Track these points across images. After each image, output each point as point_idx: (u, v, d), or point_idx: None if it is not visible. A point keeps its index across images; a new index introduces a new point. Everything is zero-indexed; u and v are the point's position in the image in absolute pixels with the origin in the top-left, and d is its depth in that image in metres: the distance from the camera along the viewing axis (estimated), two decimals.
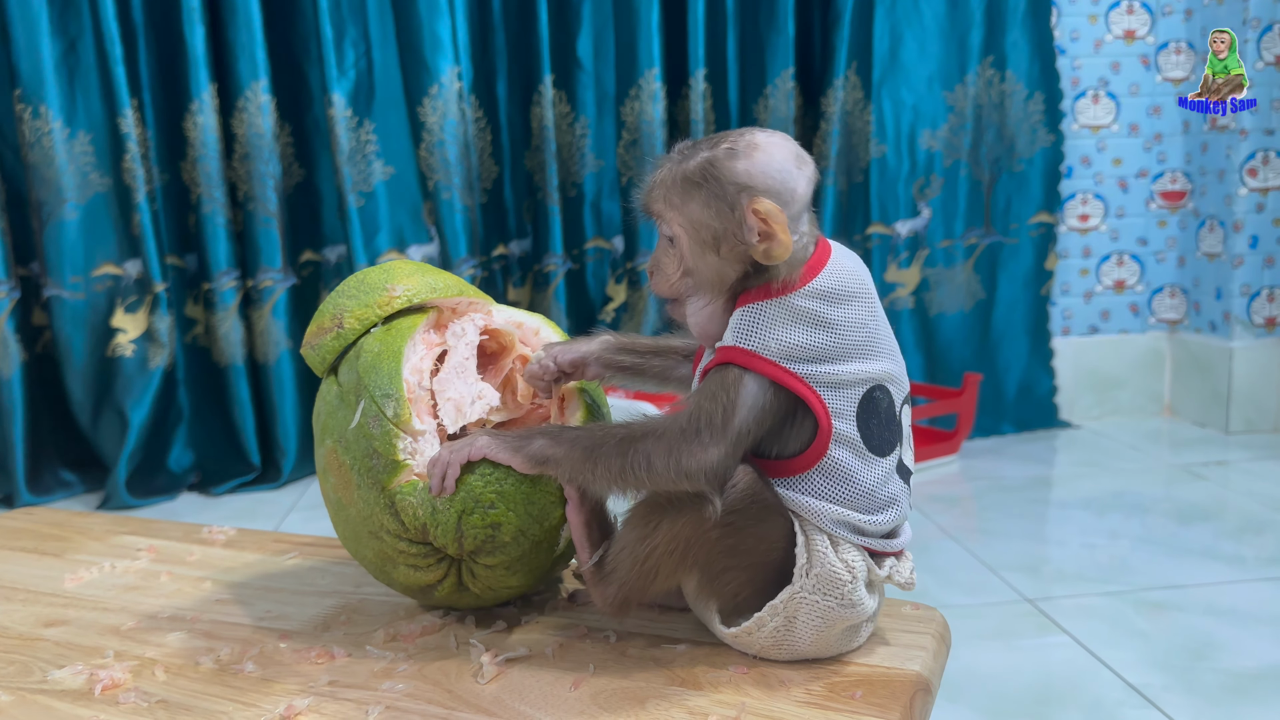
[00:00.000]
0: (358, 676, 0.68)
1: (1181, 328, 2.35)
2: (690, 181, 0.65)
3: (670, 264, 0.68)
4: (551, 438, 0.67)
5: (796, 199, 0.65)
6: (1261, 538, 1.59)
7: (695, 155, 0.66)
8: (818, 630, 0.66)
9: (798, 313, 0.64)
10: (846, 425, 0.64)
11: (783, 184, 0.64)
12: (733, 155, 0.64)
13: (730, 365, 0.64)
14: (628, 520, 0.67)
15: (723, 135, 0.66)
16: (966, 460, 2.06)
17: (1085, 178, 2.30)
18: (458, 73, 2.03)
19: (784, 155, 0.65)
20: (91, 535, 1.00)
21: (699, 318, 0.68)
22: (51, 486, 2.01)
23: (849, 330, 0.64)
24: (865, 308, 0.66)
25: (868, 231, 2.21)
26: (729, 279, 0.66)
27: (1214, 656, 1.20)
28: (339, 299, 0.76)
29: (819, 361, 0.64)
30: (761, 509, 0.65)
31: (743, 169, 0.64)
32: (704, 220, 0.65)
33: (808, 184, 0.66)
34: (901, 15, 2.16)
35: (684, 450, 0.62)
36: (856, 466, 0.65)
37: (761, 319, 0.64)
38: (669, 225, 0.67)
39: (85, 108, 1.96)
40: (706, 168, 0.65)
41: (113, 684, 0.68)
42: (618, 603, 0.68)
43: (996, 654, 1.23)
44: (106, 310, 2.00)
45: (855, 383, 0.65)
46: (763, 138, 0.65)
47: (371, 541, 0.72)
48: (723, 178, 0.64)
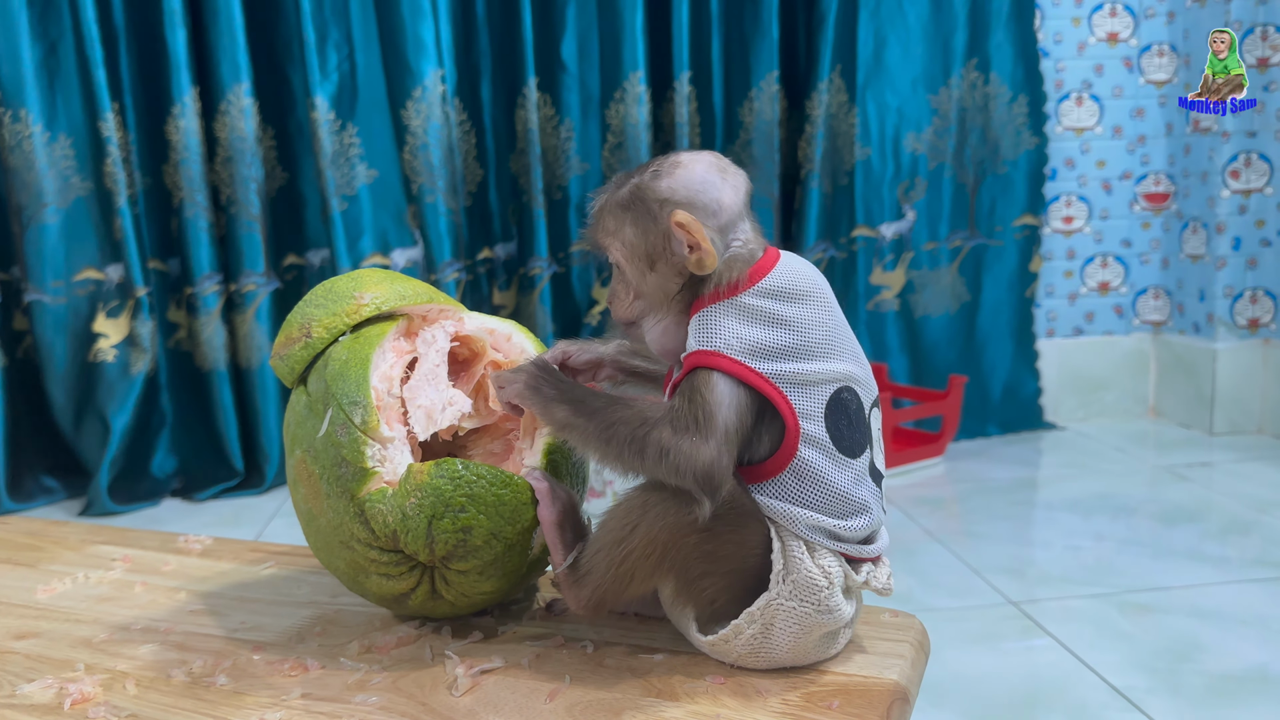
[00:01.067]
0: (331, 689, 0.67)
1: (1165, 329, 2.36)
2: (621, 207, 0.69)
3: (622, 290, 0.71)
4: (574, 406, 0.67)
5: (723, 208, 0.67)
6: (1246, 539, 1.59)
7: (626, 183, 0.69)
8: (795, 637, 0.66)
9: (750, 311, 0.65)
10: (815, 426, 0.64)
11: (705, 195, 0.67)
12: (656, 176, 0.68)
13: (699, 369, 0.65)
14: (604, 522, 0.67)
15: (652, 160, 0.69)
16: (951, 462, 2.07)
17: (1069, 180, 2.31)
18: (441, 75, 2.02)
19: (705, 168, 0.68)
20: (66, 545, 0.99)
21: (654, 334, 0.70)
22: (33, 493, 1.99)
23: (808, 329, 0.65)
24: (820, 307, 0.66)
25: (853, 234, 2.21)
26: (672, 292, 0.68)
27: (1198, 658, 1.20)
28: (307, 308, 0.75)
29: (781, 359, 0.64)
30: (740, 515, 0.65)
31: (665, 186, 0.67)
32: (636, 241, 0.68)
33: (734, 193, 0.68)
34: (885, 18, 2.16)
35: (675, 448, 0.63)
36: (828, 468, 0.65)
37: (717, 319, 0.66)
38: (611, 253, 0.70)
39: (66, 111, 1.94)
40: (633, 191, 0.68)
41: (83, 698, 0.67)
42: (592, 605, 0.68)
43: (981, 657, 1.23)
44: (88, 315, 1.98)
45: (821, 382, 0.65)
46: (686, 156, 0.69)
47: (343, 551, 0.71)
48: (647, 197, 0.67)
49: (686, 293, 0.68)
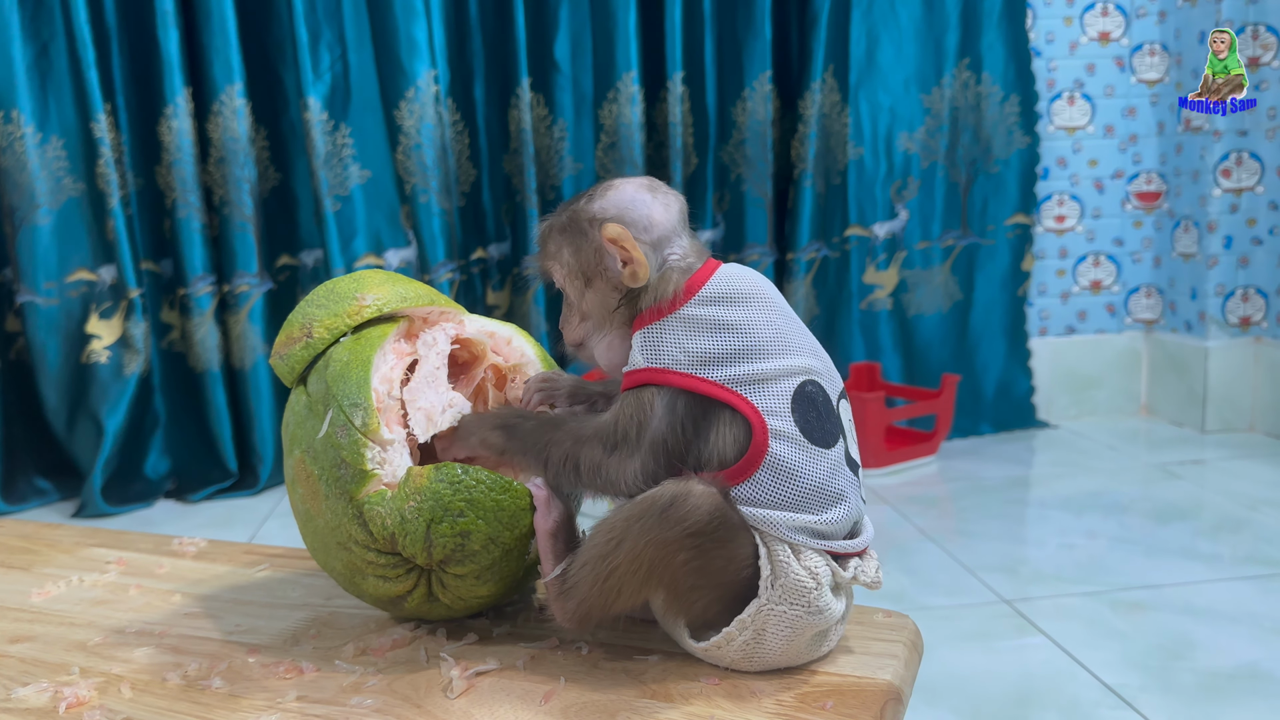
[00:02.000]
0: (326, 691, 0.67)
1: (1158, 328, 2.36)
2: (559, 231, 0.71)
3: (570, 313, 0.73)
4: (504, 430, 0.71)
5: (654, 224, 0.69)
6: (1237, 536, 1.60)
7: (566, 210, 0.72)
8: (787, 640, 0.66)
9: (693, 321, 0.66)
10: (782, 422, 0.65)
11: (634, 211, 0.69)
12: (590, 199, 0.71)
13: (644, 386, 0.67)
14: (591, 536, 0.67)
15: (591, 187, 0.72)
16: (945, 461, 2.07)
17: (1061, 179, 2.31)
18: (434, 76, 2.02)
19: (634, 188, 0.70)
20: (60, 548, 0.99)
21: (600, 350, 0.72)
22: (26, 494, 1.99)
23: (755, 329, 0.66)
24: (765, 308, 0.67)
25: (845, 234, 2.21)
26: (611, 307, 0.70)
27: (1191, 656, 1.21)
28: (308, 308, 0.75)
29: (733, 364, 0.65)
30: (728, 530, 0.65)
31: (597, 207, 0.70)
32: (572, 261, 0.71)
33: (665, 210, 0.70)
34: (878, 18, 2.16)
35: (607, 464, 0.66)
36: (801, 460, 0.65)
37: (662, 335, 0.67)
38: (555, 276, 0.73)
39: (58, 112, 1.94)
40: (569, 216, 0.71)
41: (78, 702, 0.67)
42: (578, 618, 0.68)
43: (974, 656, 1.23)
44: (81, 316, 1.98)
45: (779, 378, 0.66)
46: (619, 180, 0.71)
47: (340, 553, 0.71)
48: (580, 218, 0.70)
49: (627, 308, 0.69)
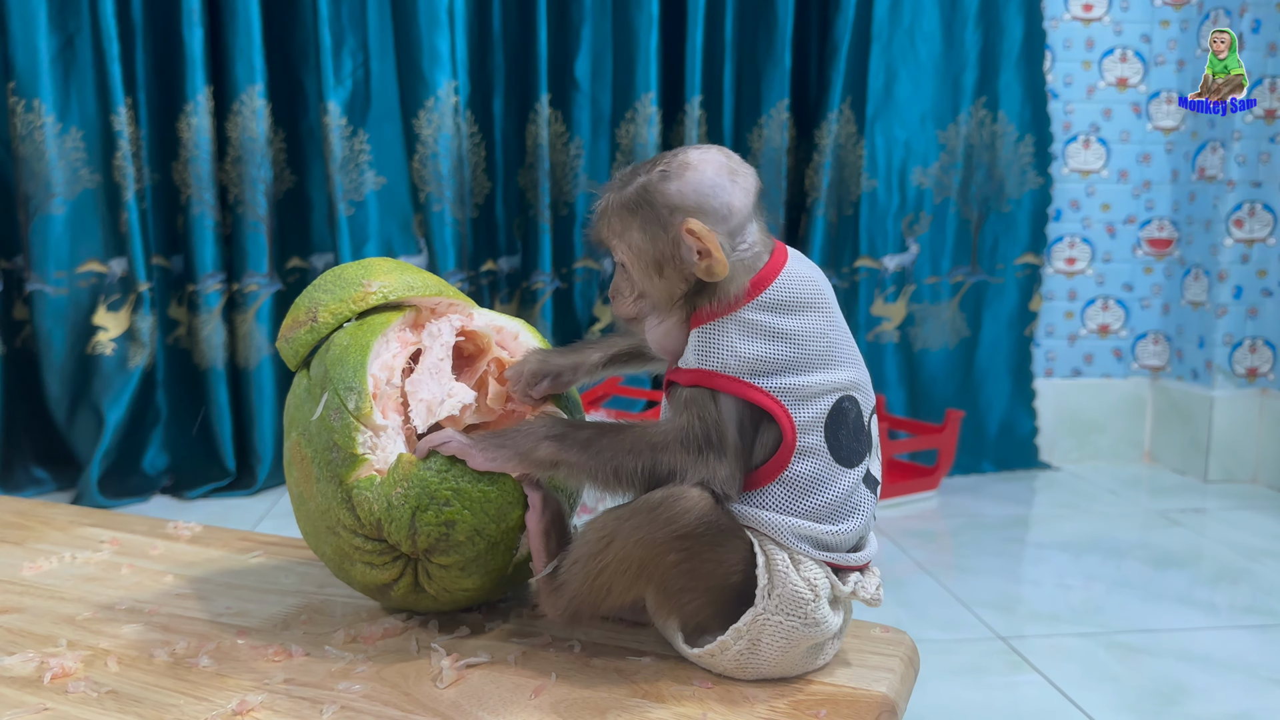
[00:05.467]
0: (314, 675, 0.67)
1: (1164, 375, 2.36)
2: (627, 208, 0.67)
3: (626, 288, 0.70)
4: (556, 441, 0.66)
5: (734, 212, 0.66)
6: (1236, 587, 1.59)
7: (632, 181, 0.67)
8: (782, 650, 0.65)
9: (751, 326, 0.65)
10: (813, 439, 0.64)
11: (716, 199, 0.65)
12: (665, 177, 0.66)
13: (700, 388, 0.65)
14: (583, 533, 0.66)
15: (659, 157, 0.67)
16: (945, 497, 2.06)
17: (1074, 221, 2.32)
18: (455, 87, 2.04)
19: (715, 170, 0.66)
20: (54, 525, 0.98)
21: (656, 334, 0.70)
22: (22, 483, 1.98)
23: (808, 340, 0.65)
24: (822, 317, 0.66)
25: (856, 264, 2.21)
26: (677, 296, 0.67)
27: (1185, 702, 1.20)
28: (314, 293, 0.75)
29: (782, 374, 0.64)
30: (717, 533, 0.64)
31: (675, 190, 0.65)
32: (644, 246, 0.66)
33: (744, 194, 0.67)
34: (897, 53, 2.18)
35: (696, 470, 0.63)
36: (821, 479, 0.64)
37: (717, 337, 0.65)
38: (617, 253, 0.69)
39: (79, 104, 1.95)
40: (641, 193, 0.66)
41: (63, 673, 0.67)
42: (568, 615, 0.67)
43: (968, 690, 1.22)
44: (89, 307, 1.98)
45: (822, 393, 0.65)
46: (695, 156, 0.67)
47: (330, 537, 0.71)
48: (656, 201, 0.66)
49: (690, 297, 0.67)
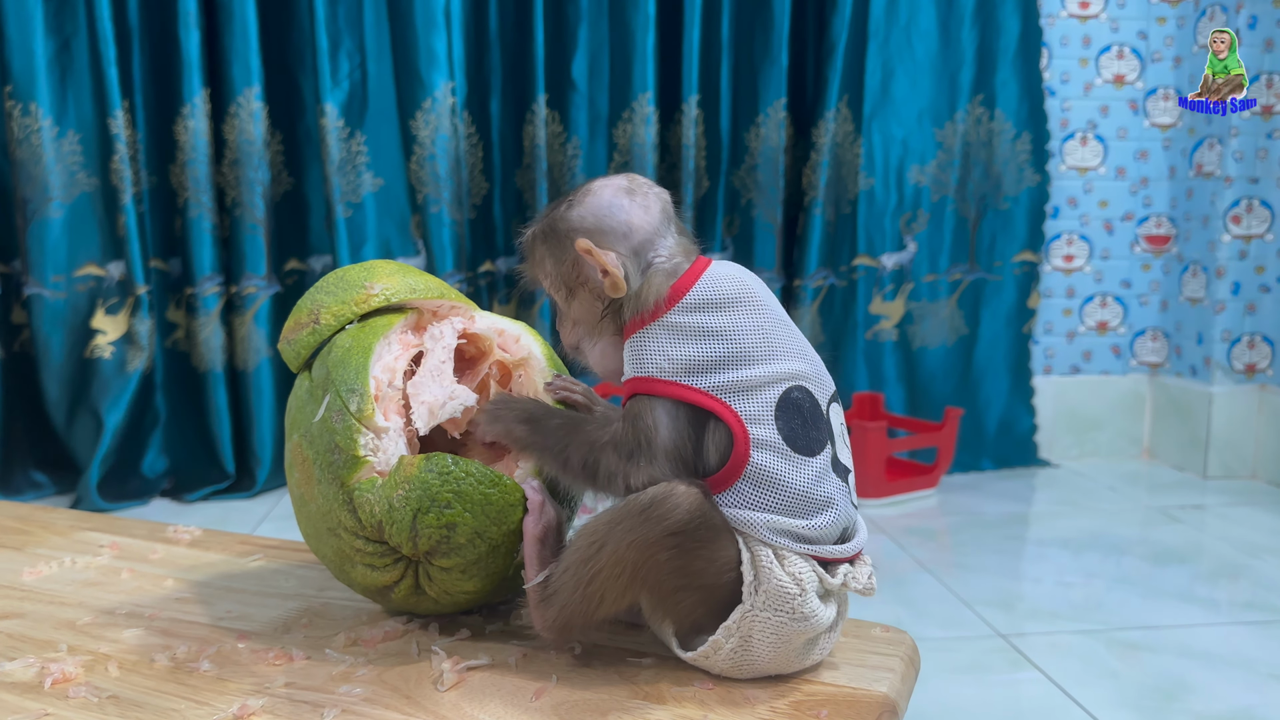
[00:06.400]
0: (315, 679, 0.67)
1: (1162, 371, 2.36)
2: (540, 239, 0.71)
3: (562, 319, 0.73)
4: (529, 424, 0.69)
5: (634, 229, 0.68)
6: (1236, 583, 1.59)
7: (546, 216, 0.71)
8: (775, 647, 0.65)
9: (678, 329, 0.66)
10: (765, 430, 0.64)
11: (613, 219, 0.68)
12: (570, 206, 0.69)
13: (636, 396, 0.66)
14: (573, 540, 0.66)
15: (571, 191, 0.71)
16: (945, 494, 2.06)
17: (1071, 219, 2.32)
18: (452, 88, 2.04)
19: (612, 192, 0.69)
20: (54, 530, 0.98)
21: (595, 357, 0.72)
22: (21, 487, 1.98)
23: (741, 335, 0.65)
24: (753, 311, 0.67)
25: (854, 263, 2.22)
26: (597, 316, 0.70)
27: (1185, 698, 1.20)
28: (317, 294, 0.75)
29: (718, 371, 0.65)
30: (710, 530, 0.64)
31: (575, 215, 0.69)
32: (554, 271, 0.70)
33: (644, 212, 0.69)
34: (894, 51, 2.18)
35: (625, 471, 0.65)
36: (783, 469, 0.64)
37: (647, 343, 0.66)
38: (541, 284, 0.72)
39: (76, 107, 1.95)
40: (548, 224, 0.70)
41: (64, 678, 0.67)
42: (558, 626, 0.67)
43: (968, 688, 1.22)
44: (87, 311, 1.98)
45: (765, 385, 0.65)
46: (597, 184, 0.70)
47: (331, 539, 0.71)
48: (560, 229, 0.69)
49: (613, 315, 0.69)
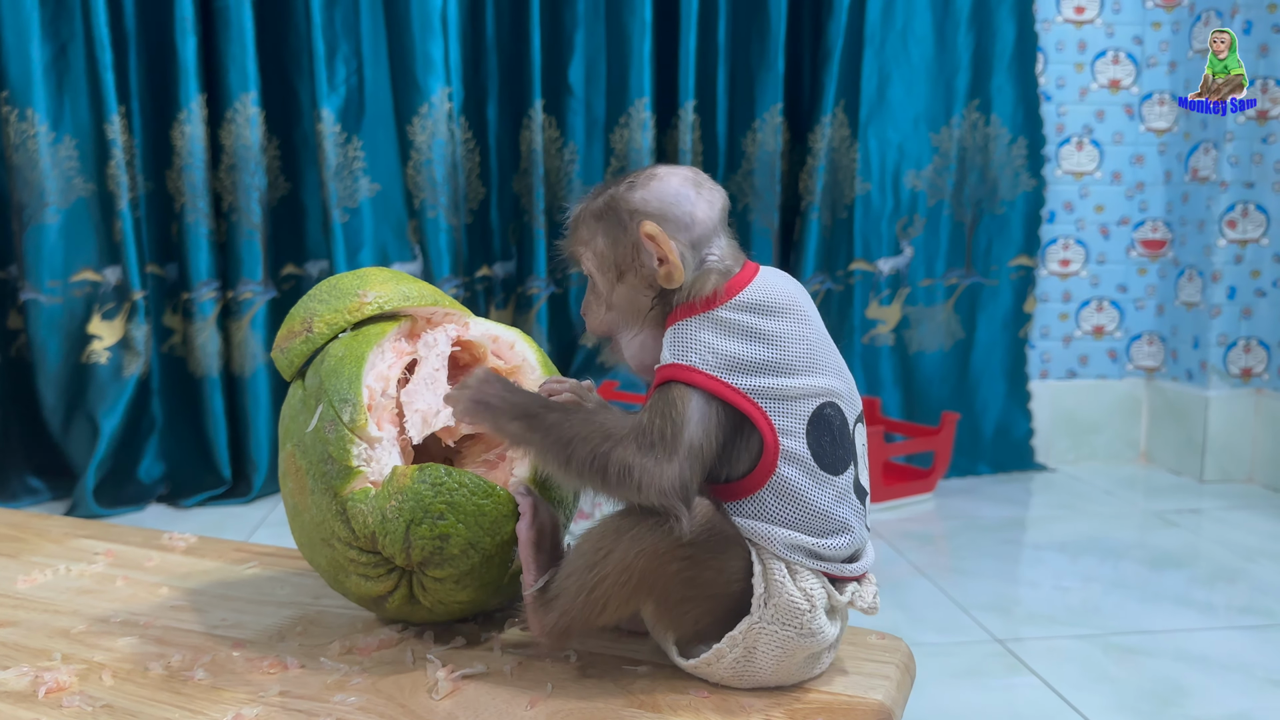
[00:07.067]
0: (310, 688, 0.67)
1: (1159, 375, 2.36)
2: (594, 217, 0.68)
3: (594, 302, 0.70)
4: (525, 420, 0.64)
5: (696, 221, 0.67)
6: (1233, 586, 1.59)
7: (602, 193, 0.69)
8: (778, 660, 0.65)
9: (726, 325, 0.64)
10: (795, 443, 0.63)
11: (678, 208, 0.66)
12: (631, 187, 0.67)
13: (672, 382, 0.63)
14: (578, 545, 0.65)
15: (631, 173, 0.69)
16: (942, 499, 2.06)
17: (1068, 223, 2.32)
18: (448, 93, 2.04)
19: (680, 181, 0.67)
20: (49, 537, 0.98)
21: (631, 349, 0.69)
22: (17, 493, 1.98)
23: (787, 343, 0.64)
24: (800, 322, 0.65)
25: (850, 268, 2.22)
26: (643, 306, 0.68)
27: (1182, 703, 1.20)
28: (310, 303, 0.75)
29: (760, 374, 0.63)
30: (720, 541, 0.63)
31: (639, 197, 0.67)
32: (606, 251, 0.68)
33: (709, 207, 0.67)
34: (890, 56, 2.18)
35: (640, 465, 0.61)
36: (808, 485, 0.63)
37: (692, 332, 0.64)
38: (584, 263, 0.70)
39: (72, 112, 1.95)
40: (607, 202, 0.68)
41: (58, 687, 0.66)
42: (557, 632, 0.66)
43: (965, 693, 1.22)
44: (83, 316, 1.98)
45: (802, 397, 0.63)
46: (663, 169, 0.68)
47: (324, 549, 0.70)
48: (620, 208, 0.67)
49: (660, 307, 0.67)
